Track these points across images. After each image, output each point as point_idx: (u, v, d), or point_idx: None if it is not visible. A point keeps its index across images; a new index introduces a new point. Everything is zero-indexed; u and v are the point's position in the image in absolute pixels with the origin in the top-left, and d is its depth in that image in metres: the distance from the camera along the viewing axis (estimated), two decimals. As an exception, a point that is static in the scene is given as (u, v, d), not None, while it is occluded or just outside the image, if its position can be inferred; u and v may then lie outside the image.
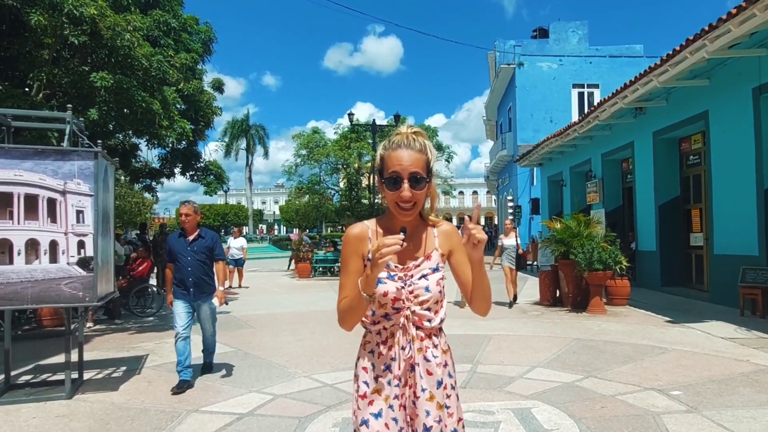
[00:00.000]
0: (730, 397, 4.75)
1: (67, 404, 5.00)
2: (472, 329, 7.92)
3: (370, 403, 1.83)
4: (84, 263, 5.20)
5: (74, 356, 5.53)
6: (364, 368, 1.88)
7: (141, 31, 8.08)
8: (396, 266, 1.84)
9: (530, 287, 13.70)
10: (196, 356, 6.02)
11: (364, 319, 1.89)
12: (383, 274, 1.79)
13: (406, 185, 1.75)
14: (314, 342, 7.64)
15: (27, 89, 8.32)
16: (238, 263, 15.93)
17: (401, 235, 1.64)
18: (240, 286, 15.65)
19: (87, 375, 5.89)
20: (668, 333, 7.68)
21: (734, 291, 9.11)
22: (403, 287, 1.82)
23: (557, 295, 11.01)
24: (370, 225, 1.92)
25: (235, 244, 16.06)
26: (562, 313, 9.79)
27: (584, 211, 14.16)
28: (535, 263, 18.90)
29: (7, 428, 4.40)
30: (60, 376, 5.51)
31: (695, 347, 6.71)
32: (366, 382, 1.86)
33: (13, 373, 5.68)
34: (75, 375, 5.54)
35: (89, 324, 9.21)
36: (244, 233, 66.69)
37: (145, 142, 10.57)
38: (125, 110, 8.25)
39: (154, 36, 9.27)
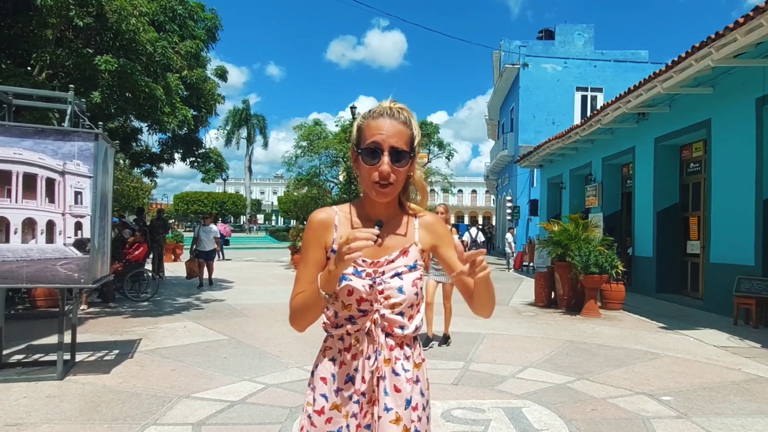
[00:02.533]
0: (720, 404, 4.77)
1: (59, 385, 5.00)
2: (465, 327, 7.93)
3: (328, 420, 1.57)
4: (80, 245, 5.19)
5: (67, 338, 5.52)
6: (323, 378, 1.62)
7: (147, 16, 8.05)
8: (364, 261, 1.55)
9: (525, 288, 13.72)
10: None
11: (326, 321, 1.64)
12: (349, 270, 1.52)
13: (385, 158, 1.50)
14: (307, 333, 7.50)
15: (29, 68, 8.28)
16: (209, 256, 13.18)
17: (376, 230, 1.42)
18: (209, 281, 13.11)
19: (79, 357, 5.88)
20: (661, 339, 7.70)
21: (729, 300, 9.13)
22: (372, 285, 1.55)
23: (552, 296, 11.02)
24: (338, 210, 1.65)
25: (206, 235, 13.20)
26: (556, 315, 9.80)
27: (583, 214, 14.17)
28: (531, 264, 18.95)
29: (-3, 406, 4.40)
30: (52, 357, 5.51)
31: (687, 354, 6.73)
32: (324, 395, 1.59)
33: (4, 351, 5.68)
34: (67, 356, 5.53)
35: (83, 306, 9.20)
36: (241, 223, 65.66)
37: (146, 127, 10.56)
38: (128, 94, 8.23)
39: (159, 21, 9.24)
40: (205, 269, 13.17)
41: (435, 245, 1.66)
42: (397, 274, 1.57)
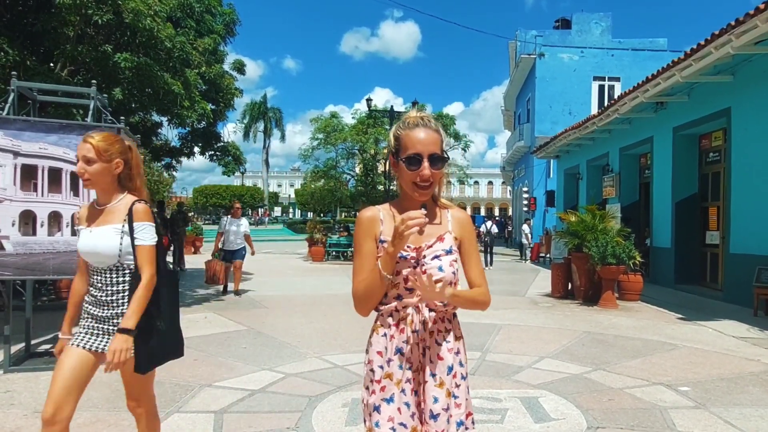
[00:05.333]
0: (738, 395, 4.76)
1: (85, 374, 5.13)
2: (482, 318, 7.96)
3: (383, 388, 1.80)
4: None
5: (92, 328, 5.65)
6: (379, 352, 1.84)
7: (162, 14, 8.13)
8: (408, 246, 1.80)
9: (542, 279, 13.70)
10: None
11: None
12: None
13: (426, 164, 1.76)
14: (326, 324, 7.74)
15: (52, 65, 8.42)
16: (237, 256, 10.35)
17: (423, 211, 1.67)
18: (234, 291, 10.34)
19: (104, 347, 6.01)
20: (679, 330, 7.67)
21: (748, 291, 9.04)
22: (416, 267, 1.79)
23: (569, 287, 11.00)
24: (381, 208, 1.92)
25: (235, 228, 10.37)
26: (573, 306, 9.79)
27: (600, 205, 14.10)
28: (548, 255, 18.89)
29: (27, 394, 4.54)
30: (78, 347, 5.64)
31: (706, 345, 6.70)
32: (381, 366, 1.82)
33: (33, 341, 5.83)
34: (93, 346, 5.66)
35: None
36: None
37: (167, 122, 10.70)
38: (148, 90, 8.35)
39: (177, 17, 9.32)
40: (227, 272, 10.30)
41: (462, 239, 1.91)
42: (436, 257, 1.82)
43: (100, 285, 2.57)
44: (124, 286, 2.57)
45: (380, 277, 1.74)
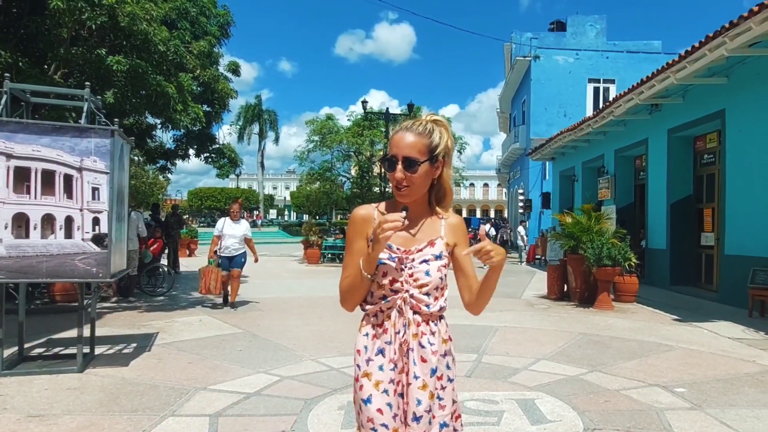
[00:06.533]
0: (734, 396, 4.76)
1: (79, 377, 5.10)
2: (478, 320, 7.91)
3: (361, 387, 1.82)
4: (98, 240, 5.28)
5: (86, 331, 5.62)
6: (358, 351, 1.86)
7: (158, 18, 8.11)
8: (398, 248, 1.82)
9: (538, 281, 13.70)
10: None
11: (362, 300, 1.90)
12: (384, 255, 1.79)
13: (399, 167, 1.77)
14: (321, 326, 7.72)
15: (45, 67, 8.38)
16: (235, 263, 9.18)
17: (403, 213, 1.69)
18: (230, 304, 9.19)
19: (98, 350, 5.99)
20: (675, 331, 7.68)
21: (743, 292, 9.06)
22: (402, 269, 1.81)
23: (565, 289, 11.00)
24: (375, 207, 1.93)
25: (233, 231, 9.22)
26: (569, 308, 9.80)
27: (595, 207, 14.11)
28: (544, 257, 18.90)
29: (20, 398, 4.50)
30: (72, 350, 5.62)
31: (701, 346, 6.70)
32: (359, 365, 1.85)
33: (26, 345, 5.79)
34: (86, 349, 5.63)
35: (109, 292, 9.41)
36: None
37: (160, 124, 10.66)
38: (142, 92, 8.33)
39: (171, 19, 9.30)
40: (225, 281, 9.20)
41: (456, 243, 1.91)
42: (425, 261, 1.82)
43: None
44: None
45: (362, 276, 1.78)
